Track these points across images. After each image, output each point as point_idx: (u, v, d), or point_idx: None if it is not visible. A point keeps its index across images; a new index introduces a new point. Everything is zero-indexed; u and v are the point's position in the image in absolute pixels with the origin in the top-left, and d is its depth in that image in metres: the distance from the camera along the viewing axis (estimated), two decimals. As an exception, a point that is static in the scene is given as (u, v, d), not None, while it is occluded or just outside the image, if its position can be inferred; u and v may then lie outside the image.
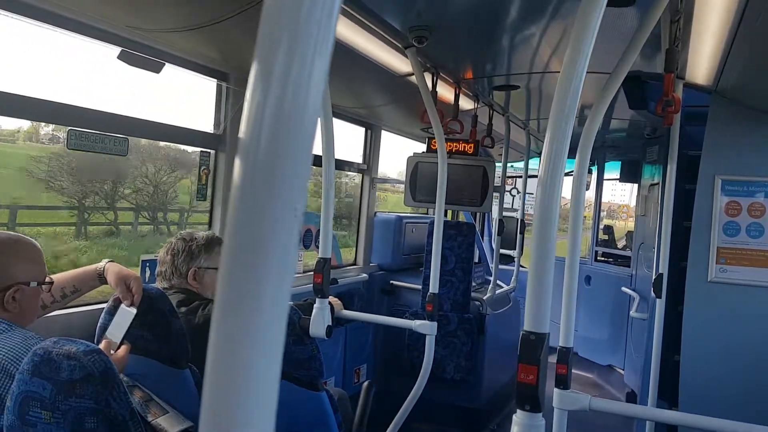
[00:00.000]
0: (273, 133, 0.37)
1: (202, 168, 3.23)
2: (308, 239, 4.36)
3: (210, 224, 3.32)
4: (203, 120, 3.24)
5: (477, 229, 6.64)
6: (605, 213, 12.75)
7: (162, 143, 5.32)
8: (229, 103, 3.28)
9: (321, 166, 2.60)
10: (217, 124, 3.28)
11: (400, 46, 2.92)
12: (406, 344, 4.68)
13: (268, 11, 0.38)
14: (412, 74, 3.20)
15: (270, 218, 0.37)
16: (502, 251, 5.63)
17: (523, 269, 6.79)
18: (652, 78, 3.23)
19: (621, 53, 1.98)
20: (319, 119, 1.54)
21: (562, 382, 2.05)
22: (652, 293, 3.29)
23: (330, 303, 3.21)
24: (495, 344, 4.89)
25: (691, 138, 3.68)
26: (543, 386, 1.29)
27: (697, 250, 3.38)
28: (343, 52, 2.93)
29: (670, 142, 3.07)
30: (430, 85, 3.33)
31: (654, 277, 3.24)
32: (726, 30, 2.33)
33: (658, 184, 4.55)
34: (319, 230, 3.24)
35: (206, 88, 3.30)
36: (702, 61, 2.81)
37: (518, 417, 1.31)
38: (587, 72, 3.22)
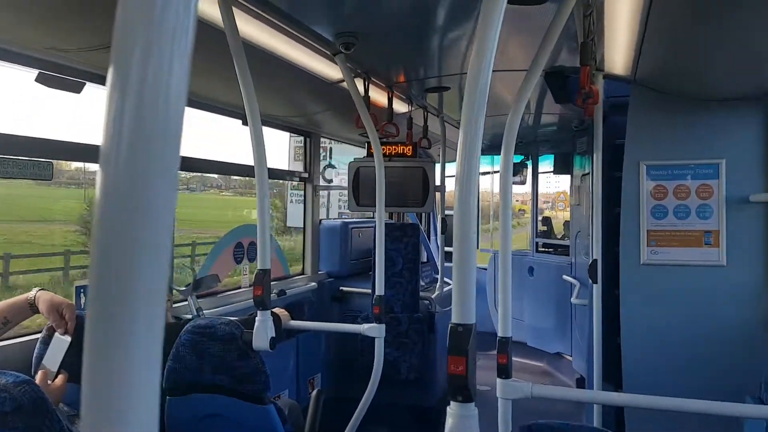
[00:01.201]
0: (132, 142, 0.37)
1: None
2: (253, 252, 4.32)
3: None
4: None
5: (422, 229, 6.72)
6: (550, 204, 13.10)
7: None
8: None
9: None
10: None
11: (329, 53, 2.94)
12: (359, 349, 4.68)
13: (122, 15, 0.38)
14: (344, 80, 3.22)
15: (137, 226, 0.37)
16: (448, 249, 5.71)
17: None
18: (574, 72, 3.35)
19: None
20: (248, 129, 1.53)
21: (504, 372, 2.10)
22: (590, 279, 3.41)
23: (276, 315, 3.19)
24: (446, 341, 4.93)
25: (618, 127, 3.83)
26: (473, 376, 1.31)
27: (628, 234, 3.53)
28: (273, 62, 2.92)
29: (594, 132, 3.19)
30: (362, 90, 3.36)
31: (589, 264, 3.35)
32: (637, 21, 2.45)
33: (588, 174, 4.72)
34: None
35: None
36: (618, 52, 2.93)
37: (452, 408, 1.33)
38: (508, 70, 3.31)
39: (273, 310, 3.25)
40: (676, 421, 3.40)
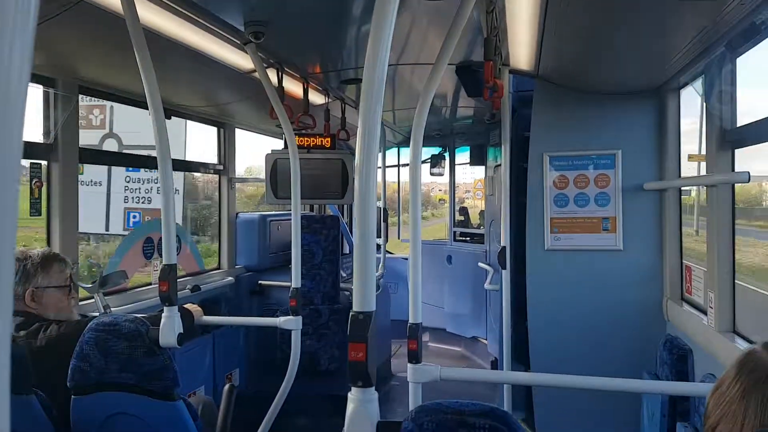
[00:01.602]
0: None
1: (34, 181, 3.00)
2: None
3: (48, 240, 3.10)
4: (29, 129, 3.01)
5: (344, 221, 6.74)
6: (470, 194, 13.44)
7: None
8: (58, 110, 3.07)
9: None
10: (46, 133, 3.06)
11: (239, 42, 2.89)
12: (279, 343, 4.66)
13: None
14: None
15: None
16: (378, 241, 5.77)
17: (390, 255, 7.01)
18: (483, 66, 3.46)
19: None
20: (151, 119, 1.49)
21: (414, 357, 2.15)
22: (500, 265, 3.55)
23: (187, 310, 3.12)
24: (375, 332, 4.98)
25: (526, 120, 3.99)
26: (373, 362, 1.35)
27: (533, 222, 3.70)
28: (180, 51, 2.85)
29: (501, 124, 3.31)
30: (275, 80, 3.33)
31: (499, 251, 3.48)
32: (537, 18, 2.56)
33: (500, 165, 4.90)
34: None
35: (31, 95, 3.06)
36: (522, 48, 3.06)
37: (352, 394, 1.36)
38: (421, 63, 3.36)
39: (185, 305, 3.19)
40: (581, 398, 3.61)
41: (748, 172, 2.45)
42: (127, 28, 2.17)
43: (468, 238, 7.20)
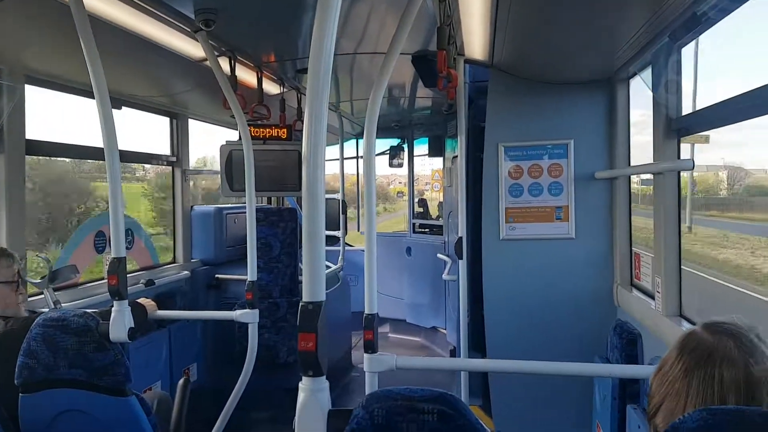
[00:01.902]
0: None
1: (-23, 174, 2.89)
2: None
3: (-8, 234, 2.99)
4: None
5: (302, 214, 6.69)
6: (430, 185, 13.50)
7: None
8: (3, 100, 2.96)
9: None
10: (-10, 124, 2.94)
11: (189, 30, 2.83)
12: (236, 336, 4.61)
13: None
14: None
15: None
16: (328, 233, 5.73)
17: (349, 248, 7.00)
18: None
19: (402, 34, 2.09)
20: (97, 109, 1.44)
21: (370, 347, 2.15)
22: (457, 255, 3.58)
23: (140, 305, 3.06)
24: (326, 322, 4.98)
25: (482, 110, 4.03)
26: (323, 351, 1.34)
27: (489, 212, 3.75)
28: (128, 39, 2.77)
29: (457, 115, 3.33)
30: (228, 69, 3.27)
31: (456, 241, 3.51)
32: (488, 9, 2.58)
33: (458, 156, 4.94)
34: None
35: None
36: (476, 38, 3.08)
37: (303, 383, 1.36)
38: (377, 53, 3.34)
39: (137, 300, 3.13)
40: (536, 384, 3.68)
41: (692, 160, 2.54)
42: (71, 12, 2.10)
43: (427, 230, 7.24)
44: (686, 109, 2.80)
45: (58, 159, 4.36)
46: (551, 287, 3.69)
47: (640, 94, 3.57)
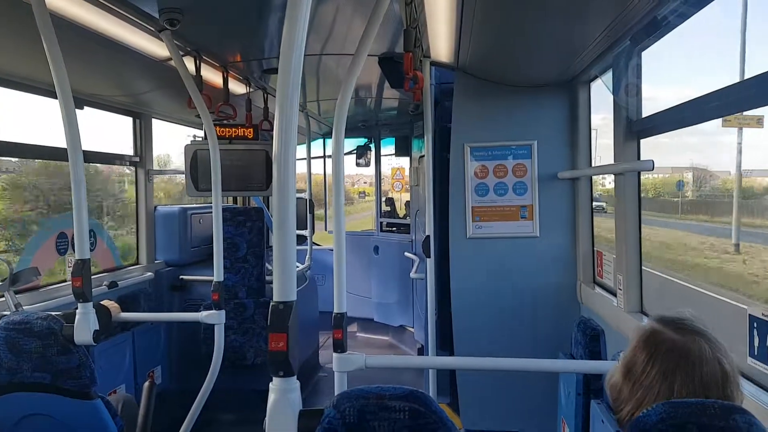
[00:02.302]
0: None
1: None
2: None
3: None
4: None
5: (269, 213, 6.65)
6: (391, 185, 13.54)
7: None
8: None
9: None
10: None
11: (154, 29, 2.79)
12: (202, 338, 4.55)
13: None
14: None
15: None
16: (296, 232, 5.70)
17: (317, 247, 6.99)
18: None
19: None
20: (60, 109, 1.42)
21: (339, 346, 2.16)
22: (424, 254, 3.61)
23: (104, 307, 3.00)
24: (297, 322, 4.96)
25: (448, 112, 4.07)
26: (294, 352, 1.35)
27: (456, 211, 3.80)
28: (91, 38, 2.72)
29: (424, 116, 3.37)
30: (193, 69, 3.24)
31: (423, 240, 3.55)
32: (453, 12, 2.61)
33: (424, 155, 4.98)
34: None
35: None
36: (441, 40, 3.11)
37: (274, 384, 1.36)
38: (344, 54, 3.34)
39: (101, 302, 3.07)
40: (502, 381, 3.74)
41: (652, 161, 2.61)
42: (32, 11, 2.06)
43: (394, 229, 7.28)
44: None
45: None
46: (517, 285, 3.76)
47: (602, 97, 3.67)
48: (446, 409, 4.29)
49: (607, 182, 3.84)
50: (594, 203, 3.78)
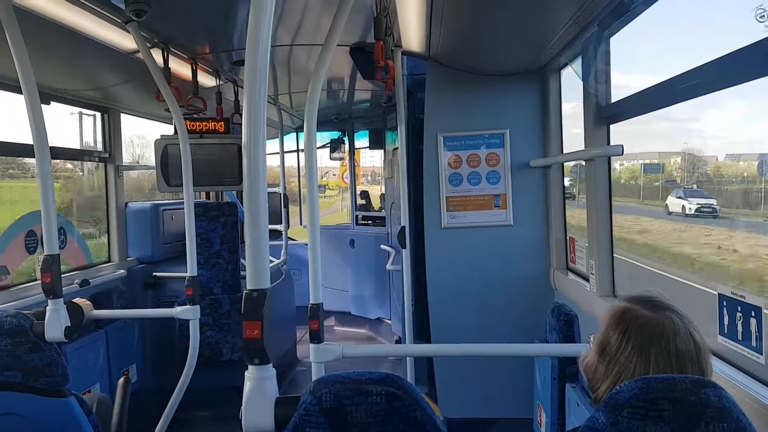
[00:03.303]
0: None
1: None
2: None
3: None
4: None
5: (243, 208, 6.59)
6: (372, 178, 13.49)
7: None
8: None
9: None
10: None
11: (120, 21, 2.73)
12: (177, 335, 4.50)
13: None
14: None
15: None
16: (270, 227, 5.66)
17: (292, 241, 6.95)
18: (376, 48, 3.49)
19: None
20: (25, 104, 1.38)
21: (316, 337, 2.15)
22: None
23: (76, 305, 2.95)
24: (271, 310, 4.92)
25: (421, 103, 4.08)
26: (269, 339, 1.34)
27: (430, 201, 3.81)
28: (55, 30, 2.66)
29: (396, 106, 3.36)
30: (161, 61, 3.19)
31: (398, 231, 3.55)
32: (424, 0, 2.61)
33: (398, 147, 4.99)
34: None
35: None
36: (412, 29, 3.11)
37: (249, 372, 1.36)
38: (314, 44, 3.31)
39: (73, 300, 3.02)
40: (479, 369, 3.78)
41: (622, 146, 2.65)
42: None
43: (370, 222, 7.27)
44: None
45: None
46: (491, 273, 3.79)
47: (573, 86, 3.70)
48: (425, 398, 4.31)
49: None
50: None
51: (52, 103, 3.79)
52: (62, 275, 2.46)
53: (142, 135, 6.32)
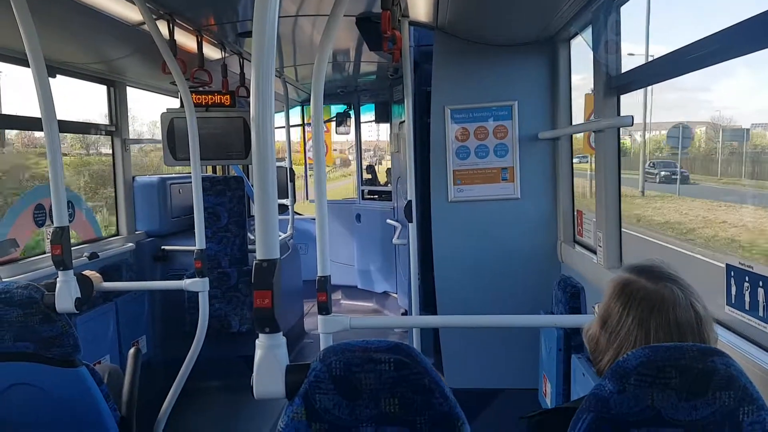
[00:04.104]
0: None
1: None
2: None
3: None
4: None
5: (249, 182, 6.60)
6: (374, 152, 13.45)
7: None
8: None
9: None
10: None
11: (125, -8, 2.72)
12: (186, 307, 4.55)
13: None
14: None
15: None
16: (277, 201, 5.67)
17: (298, 216, 6.97)
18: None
19: None
20: (32, 78, 1.39)
21: (324, 309, 2.17)
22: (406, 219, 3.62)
23: (86, 277, 2.98)
24: (280, 279, 4.96)
25: (428, 75, 4.04)
26: (279, 308, 1.36)
27: (437, 175, 3.80)
28: (63, 3, 2.65)
29: (403, 78, 3.33)
30: (166, 33, 3.16)
31: (405, 205, 3.55)
32: (432, -32, 2.57)
33: (404, 121, 4.96)
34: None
35: None
36: (420, -1, 3.07)
37: (260, 340, 1.38)
38: (319, 15, 3.27)
39: (83, 272, 3.05)
40: (485, 340, 3.80)
41: (632, 116, 2.62)
42: None
43: (376, 196, 7.27)
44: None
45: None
46: (498, 246, 3.79)
47: (583, 55, 3.65)
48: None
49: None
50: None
51: (57, 76, 3.78)
52: (72, 247, 2.49)
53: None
